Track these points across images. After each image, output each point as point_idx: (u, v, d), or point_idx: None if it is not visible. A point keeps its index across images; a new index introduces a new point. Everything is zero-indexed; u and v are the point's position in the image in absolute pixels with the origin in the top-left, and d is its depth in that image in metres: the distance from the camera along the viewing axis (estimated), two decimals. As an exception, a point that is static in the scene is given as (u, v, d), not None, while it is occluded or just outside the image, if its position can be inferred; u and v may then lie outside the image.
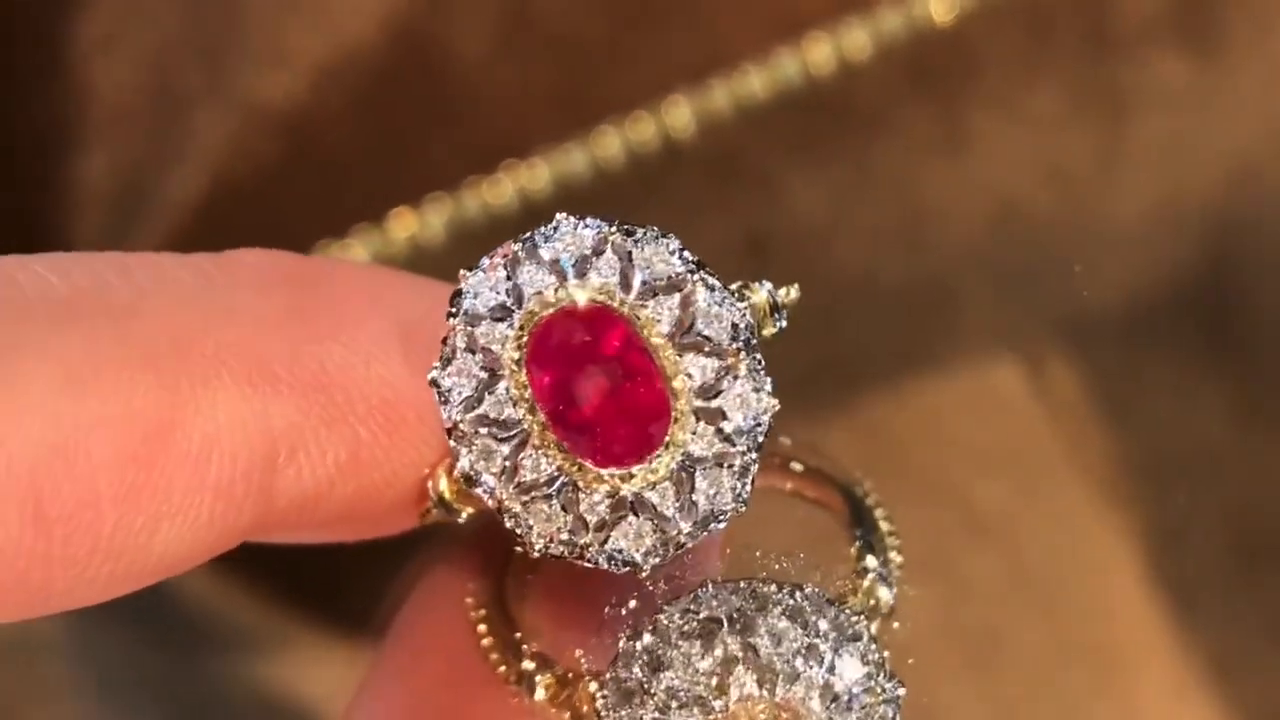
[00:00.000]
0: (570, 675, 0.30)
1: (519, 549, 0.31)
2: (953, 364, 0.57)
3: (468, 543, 0.33)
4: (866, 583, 0.31)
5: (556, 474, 0.28)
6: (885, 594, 0.31)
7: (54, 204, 0.55)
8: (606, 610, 0.29)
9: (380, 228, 0.53)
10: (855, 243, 0.56)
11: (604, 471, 0.28)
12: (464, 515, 0.30)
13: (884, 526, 0.32)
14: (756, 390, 0.28)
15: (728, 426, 0.28)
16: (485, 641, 0.31)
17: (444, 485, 0.30)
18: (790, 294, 0.29)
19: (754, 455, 0.28)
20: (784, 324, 0.29)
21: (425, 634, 0.32)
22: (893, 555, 0.31)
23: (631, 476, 0.28)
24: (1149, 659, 0.54)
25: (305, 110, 0.52)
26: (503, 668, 0.30)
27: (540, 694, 0.30)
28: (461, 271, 0.28)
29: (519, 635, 0.31)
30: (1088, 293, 0.56)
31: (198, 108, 0.53)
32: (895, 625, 0.30)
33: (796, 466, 0.33)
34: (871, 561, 0.31)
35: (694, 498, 0.28)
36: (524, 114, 0.54)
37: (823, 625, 0.28)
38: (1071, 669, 0.54)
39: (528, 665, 0.30)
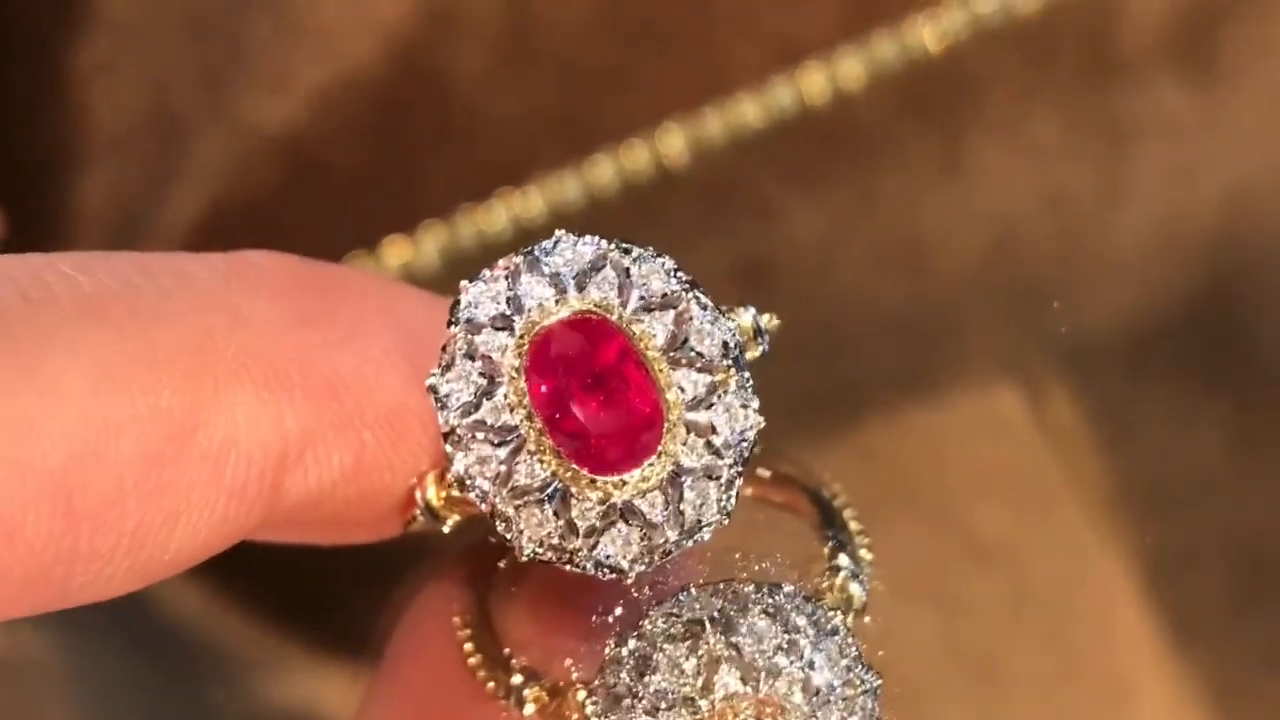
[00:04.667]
0: (559, 686, 0.30)
1: (503, 563, 0.32)
2: (953, 390, 0.57)
3: (455, 560, 0.33)
4: (839, 580, 0.31)
5: (550, 479, 0.28)
6: (857, 590, 0.31)
7: (52, 227, 0.55)
8: (594, 618, 0.29)
9: (374, 255, 0.53)
10: (854, 269, 0.56)
11: (598, 478, 0.28)
12: (449, 524, 0.31)
13: (854, 526, 0.32)
14: (744, 406, 0.29)
15: (716, 440, 0.29)
16: (472, 660, 0.31)
17: (432, 492, 0.30)
18: (772, 321, 0.30)
19: (739, 469, 0.29)
20: (766, 348, 0.30)
21: (414, 654, 0.33)
22: (863, 553, 0.32)
23: (624, 484, 0.28)
24: (1148, 684, 0.54)
25: (304, 135, 0.53)
26: (491, 684, 0.31)
27: (530, 708, 0.30)
28: (462, 283, 0.29)
29: (507, 650, 0.31)
30: (1067, 329, 0.56)
31: (197, 132, 0.53)
32: (867, 620, 0.31)
33: (763, 472, 0.34)
34: (844, 559, 0.31)
35: (681, 507, 0.28)
36: (525, 138, 0.54)
37: (801, 622, 0.29)
38: (1071, 694, 0.54)
39: (516, 680, 0.31)
